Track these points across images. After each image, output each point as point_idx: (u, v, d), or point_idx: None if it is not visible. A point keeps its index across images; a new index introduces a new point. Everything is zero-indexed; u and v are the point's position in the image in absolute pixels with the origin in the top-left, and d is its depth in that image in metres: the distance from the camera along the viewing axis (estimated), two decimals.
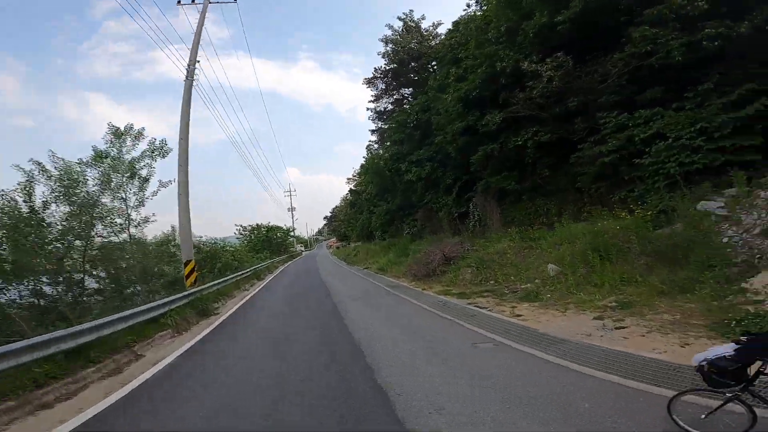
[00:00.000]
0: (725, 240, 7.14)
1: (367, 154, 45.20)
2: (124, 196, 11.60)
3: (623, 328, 5.34)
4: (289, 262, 38.96)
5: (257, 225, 44.35)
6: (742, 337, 2.31)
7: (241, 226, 43.57)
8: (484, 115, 14.54)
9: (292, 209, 60.41)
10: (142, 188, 12.31)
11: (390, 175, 27.17)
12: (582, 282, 7.75)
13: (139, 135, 12.25)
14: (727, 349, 2.27)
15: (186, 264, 10.61)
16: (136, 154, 12.01)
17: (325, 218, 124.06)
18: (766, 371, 2.16)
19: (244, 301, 11.91)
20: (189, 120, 11.81)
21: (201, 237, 19.32)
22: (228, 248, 19.90)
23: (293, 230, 54.52)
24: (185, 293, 9.82)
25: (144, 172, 12.27)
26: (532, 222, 15.00)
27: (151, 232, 13.81)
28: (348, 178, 56.10)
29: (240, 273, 17.10)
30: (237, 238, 43.39)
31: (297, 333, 6.94)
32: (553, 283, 8.38)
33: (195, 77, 12.38)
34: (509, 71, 13.08)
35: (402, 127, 26.41)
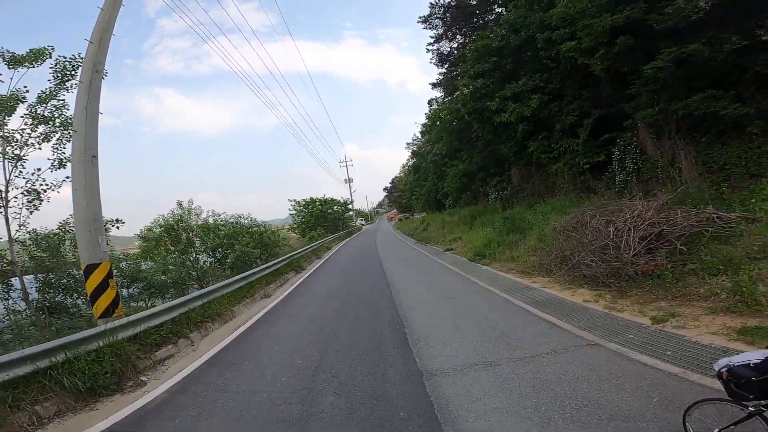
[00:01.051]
0: None
1: (430, 112, 37.58)
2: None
3: None
4: (347, 239, 33.56)
5: (311, 199, 39.80)
6: None
7: (294, 201, 39.69)
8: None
9: (349, 180, 54.99)
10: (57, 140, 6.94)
11: (471, 119, 19.75)
12: None
13: (39, 56, 6.84)
14: (757, 356, 1.77)
15: (88, 271, 4.76)
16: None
17: (384, 189, 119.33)
18: None
19: (222, 345, 5.74)
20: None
21: (220, 214, 14.02)
22: (257, 228, 14.32)
23: (351, 203, 49.24)
24: (66, 339, 4.01)
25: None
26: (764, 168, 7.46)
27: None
28: (407, 143, 48.99)
29: (267, 265, 11.40)
30: (291, 215, 39.63)
31: None
32: None
33: None
34: None
35: (485, 56, 18.85)
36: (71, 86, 6.60)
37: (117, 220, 7.90)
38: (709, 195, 7.70)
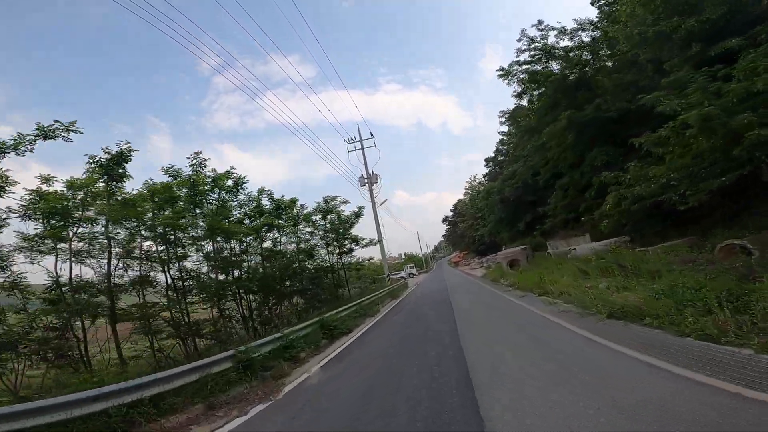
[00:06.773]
0: None
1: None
2: None
3: None
4: None
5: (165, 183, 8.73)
6: None
7: None
8: None
9: (370, 176, 23.93)
10: None
11: None
12: None
13: None
14: None
15: None
16: None
17: (445, 220, 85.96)
18: None
19: None
20: None
21: None
22: None
23: (356, 216, 17.82)
24: None
25: None
26: None
27: None
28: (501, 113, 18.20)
29: None
30: None
31: None
32: None
33: None
34: None
35: None
36: None
37: None
38: None
